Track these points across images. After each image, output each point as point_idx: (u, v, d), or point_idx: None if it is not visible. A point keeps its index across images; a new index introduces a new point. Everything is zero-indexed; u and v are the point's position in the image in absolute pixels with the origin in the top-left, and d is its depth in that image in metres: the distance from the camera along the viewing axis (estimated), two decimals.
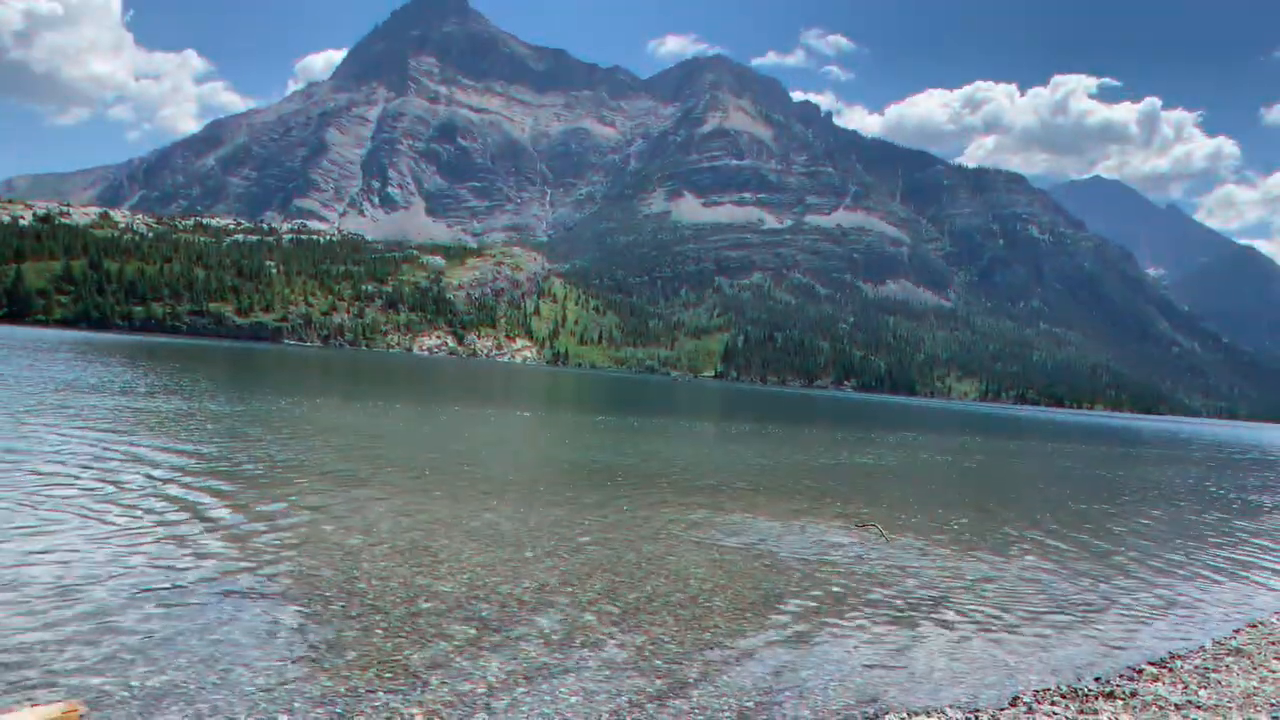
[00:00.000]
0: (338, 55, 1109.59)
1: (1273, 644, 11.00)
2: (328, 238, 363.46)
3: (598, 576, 11.64)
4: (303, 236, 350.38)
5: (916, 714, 7.79)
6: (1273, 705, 8.31)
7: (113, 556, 10.57)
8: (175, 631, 8.23)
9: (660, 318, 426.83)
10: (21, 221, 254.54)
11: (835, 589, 12.20)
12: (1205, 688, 8.92)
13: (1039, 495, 27.64)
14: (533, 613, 9.75)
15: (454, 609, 9.62)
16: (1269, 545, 20.14)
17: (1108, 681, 9.09)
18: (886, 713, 7.80)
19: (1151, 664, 9.88)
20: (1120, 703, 8.26)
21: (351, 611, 9.24)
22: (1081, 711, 7.94)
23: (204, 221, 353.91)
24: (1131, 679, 9.24)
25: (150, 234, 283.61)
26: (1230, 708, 8.19)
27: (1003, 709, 8.06)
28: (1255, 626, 12.09)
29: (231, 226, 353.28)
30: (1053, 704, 8.19)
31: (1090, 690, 8.68)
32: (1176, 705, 8.19)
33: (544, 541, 13.48)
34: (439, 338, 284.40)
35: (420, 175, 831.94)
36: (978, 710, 7.98)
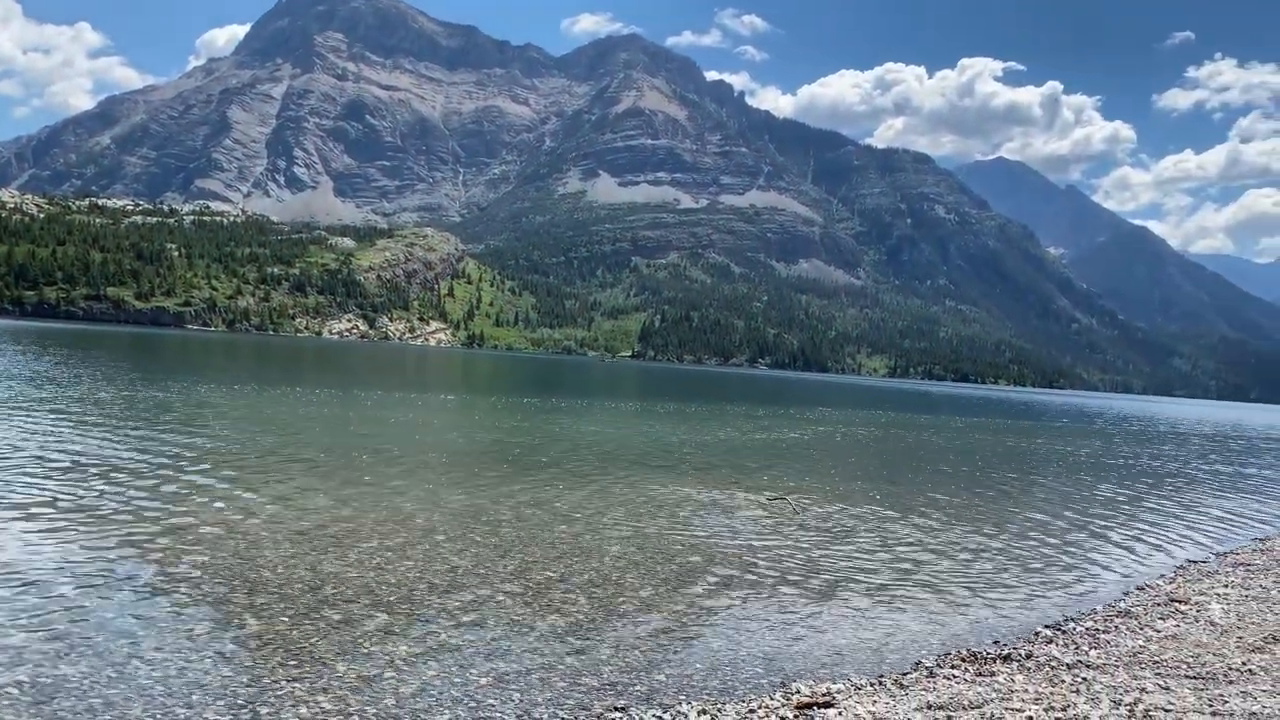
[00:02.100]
0: (241, 30, 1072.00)
1: (1158, 605, 11.57)
2: (231, 219, 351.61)
3: (511, 557, 11.58)
4: (205, 218, 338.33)
5: (823, 680, 7.97)
6: (1156, 663, 8.73)
7: (1, 549, 10.11)
8: (67, 626, 7.91)
9: (577, 298, 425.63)
10: None
11: (747, 563, 12.38)
12: (1095, 648, 9.34)
13: (946, 468, 28.45)
14: (444, 596, 9.65)
15: (362, 595, 9.46)
16: (1158, 513, 21.17)
17: (1005, 645, 9.45)
18: (793, 680, 7.95)
19: (1047, 627, 10.30)
20: (1016, 664, 8.59)
21: (256, 600, 9.01)
22: (980, 674, 8.22)
23: (100, 202, 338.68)
24: (1028, 641, 9.64)
25: (41, 215, 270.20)
26: (1117, 666, 8.58)
27: (906, 673, 8.30)
28: (1143, 589, 12.71)
29: (130, 208, 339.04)
30: (953, 667, 8.46)
31: (989, 653, 9.00)
32: (1068, 665, 8.55)
33: (458, 525, 13.36)
34: (349, 321, 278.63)
35: (328, 154, 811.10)
36: (882, 676, 8.20)
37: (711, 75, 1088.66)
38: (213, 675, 7.13)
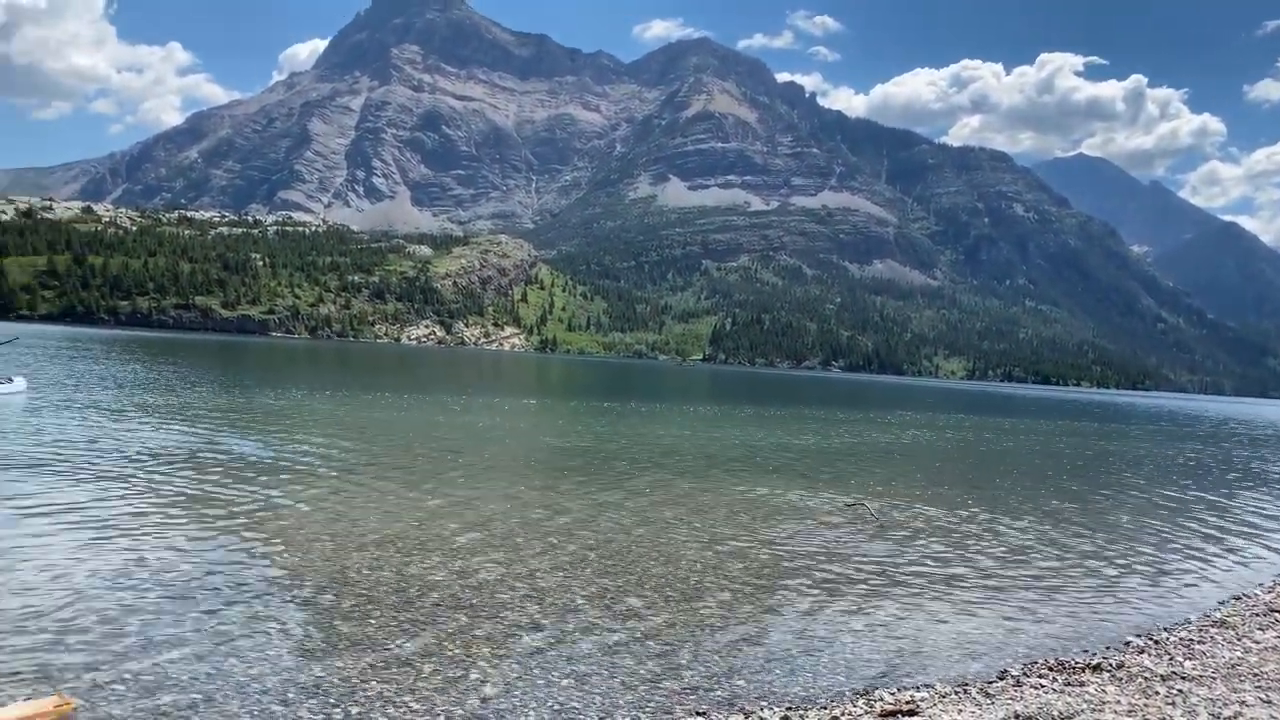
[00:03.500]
0: (322, 45, 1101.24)
1: (1256, 615, 11.12)
2: (313, 229, 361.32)
3: (589, 561, 11.66)
4: (288, 228, 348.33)
5: (905, 688, 7.87)
6: (1255, 675, 8.41)
7: (108, 549, 10.55)
8: (169, 624, 8.23)
9: (647, 302, 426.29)
10: (4, 217, 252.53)
11: (826, 568, 12.26)
12: (1190, 659, 9.02)
13: (1032, 472, 27.79)
14: (524, 599, 9.77)
15: (446, 597, 9.63)
16: (1256, 519, 20.36)
17: (1095, 654, 9.19)
18: (876, 688, 7.86)
19: (1138, 636, 9.97)
20: (1107, 674, 8.34)
21: (344, 603, 9.24)
22: (1068, 684, 8.02)
23: (188, 215, 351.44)
24: (1119, 651, 9.34)
25: (134, 228, 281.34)
26: (1214, 678, 8.28)
27: (991, 682, 8.14)
28: (1239, 599, 12.22)
29: (216, 219, 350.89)
30: (1040, 676, 8.27)
31: (1077, 663, 8.77)
32: (1162, 676, 8.28)
33: (538, 528, 13.50)
34: (427, 327, 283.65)
35: (405, 165, 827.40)
36: (966, 684, 8.05)
37: (783, 77, 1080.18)
38: (305, 674, 7.35)
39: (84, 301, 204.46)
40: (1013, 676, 8.31)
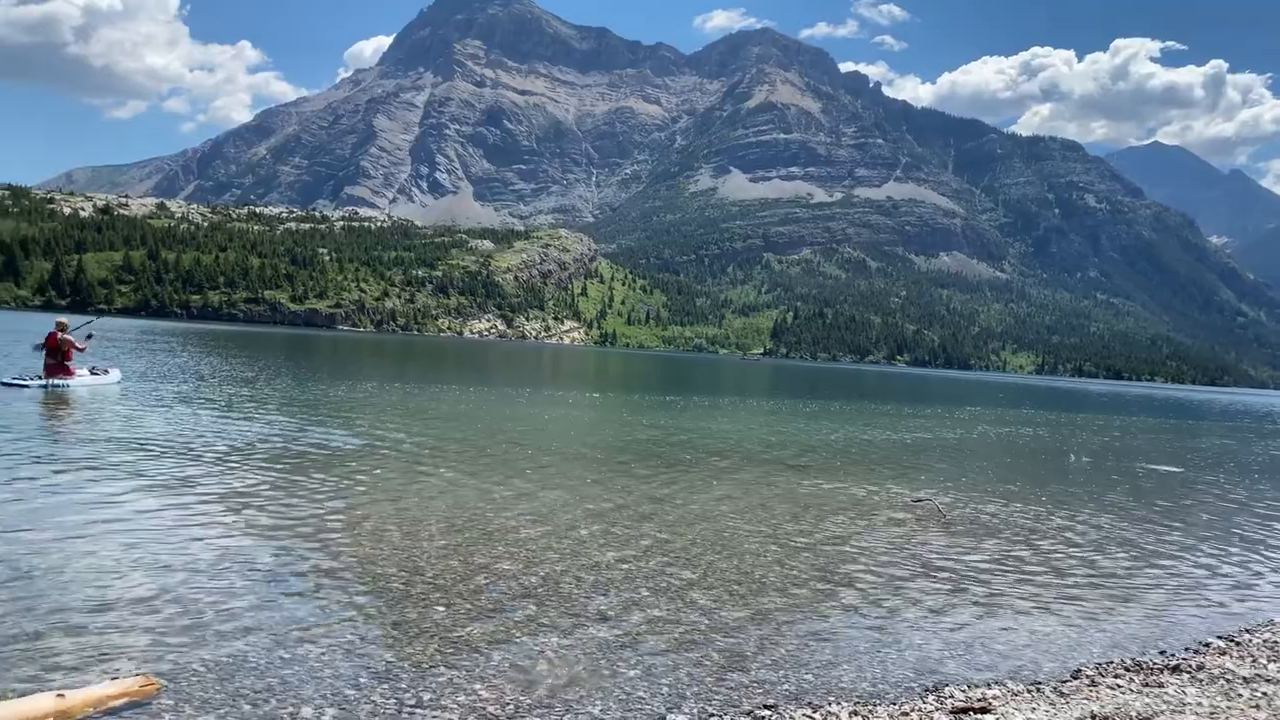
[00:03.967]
0: (386, 41, 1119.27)
1: None
2: (378, 224, 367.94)
3: (653, 554, 11.69)
4: (354, 224, 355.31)
5: (977, 686, 7.75)
6: None
7: (185, 534, 10.86)
8: (244, 608, 8.45)
9: (708, 296, 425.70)
10: (82, 213, 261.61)
11: (893, 564, 12.14)
12: (1274, 661, 8.75)
13: (1107, 470, 27.12)
14: (589, 589, 9.84)
15: (513, 586, 9.75)
16: None
17: (1173, 655, 8.96)
18: (946, 685, 7.76)
19: (1218, 638, 9.70)
20: (1186, 676, 8.13)
21: (413, 589, 9.40)
22: (1146, 684, 7.84)
23: (257, 210, 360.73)
24: (1198, 653, 9.10)
25: (205, 224, 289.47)
26: None
27: (1065, 681, 7.98)
28: None
29: (284, 215, 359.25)
30: (1116, 677, 8.09)
31: (1155, 664, 8.56)
32: (1245, 679, 8.05)
33: (602, 520, 13.57)
34: (488, 321, 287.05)
35: (467, 160, 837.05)
36: (1039, 683, 7.91)
37: (847, 66, 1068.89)
38: (376, 659, 7.49)
39: (158, 296, 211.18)
40: (1087, 676, 8.14)
